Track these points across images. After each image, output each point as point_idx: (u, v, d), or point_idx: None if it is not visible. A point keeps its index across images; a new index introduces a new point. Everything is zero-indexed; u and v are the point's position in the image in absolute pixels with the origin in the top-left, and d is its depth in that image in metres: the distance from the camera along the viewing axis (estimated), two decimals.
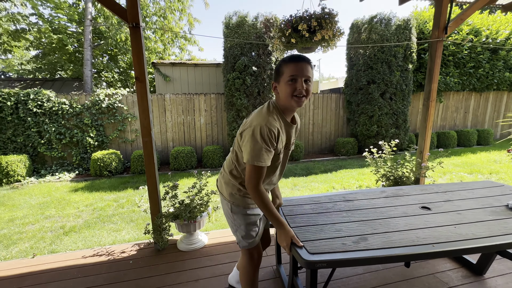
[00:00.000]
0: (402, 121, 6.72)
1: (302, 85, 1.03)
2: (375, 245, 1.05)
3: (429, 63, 2.70)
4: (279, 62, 1.10)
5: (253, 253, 1.29)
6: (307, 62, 1.05)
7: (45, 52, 8.53)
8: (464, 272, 1.84)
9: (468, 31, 7.21)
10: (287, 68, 1.04)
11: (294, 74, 1.02)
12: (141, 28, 1.88)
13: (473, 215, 1.33)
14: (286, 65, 1.05)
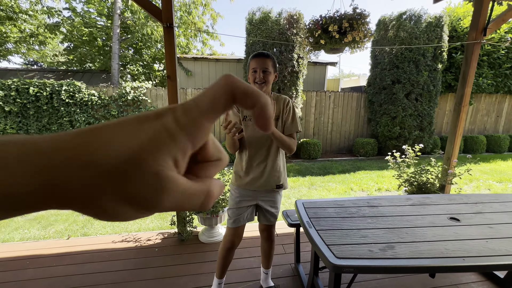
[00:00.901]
0: (427, 123, 6.44)
1: (260, 75, 1.32)
2: (402, 254, 1.06)
3: (464, 66, 2.57)
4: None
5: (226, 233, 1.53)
6: (265, 56, 1.33)
7: (76, 45, 9.00)
8: (489, 285, 1.79)
9: (507, 29, 6.71)
10: (251, 62, 1.35)
11: (255, 67, 1.33)
12: (174, 28, 1.95)
13: (507, 230, 1.29)
14: (251, 61, 1.35)
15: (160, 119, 0.15)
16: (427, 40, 5.94)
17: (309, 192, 4.07)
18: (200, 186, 0.17)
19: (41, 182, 0.13)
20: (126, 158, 0.14)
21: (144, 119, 0.15)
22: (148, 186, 0.14)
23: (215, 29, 11.02)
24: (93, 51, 8.95)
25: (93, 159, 0.14)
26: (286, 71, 5.65)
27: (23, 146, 0.13)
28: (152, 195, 0.14)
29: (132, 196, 0.14)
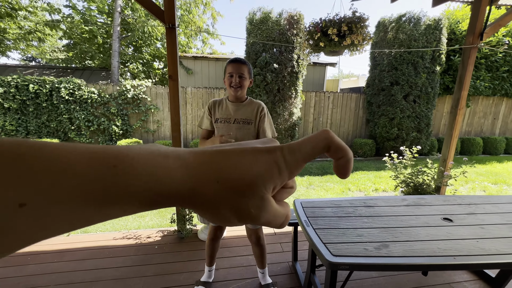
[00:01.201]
0: (425, 125, 6.51)
1: (236, 80, 1.42)
2: (396, 252, 1.10)
3: (460, 69, 2.62)
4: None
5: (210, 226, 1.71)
6: (241, 62, 1.42)
7: (75, 42, 8.97)
8: (481, 284, 1.84)
9: (505, 32, 6.78)
10: (228, 67, 1.43)
11: (231, 72, 1.42)
12: (176, 29, 1.97)
13: (497, 230, 1.33)
14: (228, 65, 1.44)
15: (272, 154, 0.20)
16: (426, 43, 5.99)
17: (307, 191, 4.11)
18: (283, 210, 0.22)
19: (188, 187, 0.18)
20: (247, 182, 0.19)
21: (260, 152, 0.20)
22: (255, 205, 0.19)
23: (215, 29, 11.03)
24: (93, 48, 8.93)
25: (224, 176, 0.18)
26: (285, 71, 5.69)
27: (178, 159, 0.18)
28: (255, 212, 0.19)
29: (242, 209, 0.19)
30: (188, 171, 0.18)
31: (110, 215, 0.17)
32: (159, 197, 0.17)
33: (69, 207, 0.15)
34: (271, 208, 0.20)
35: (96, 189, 0.15)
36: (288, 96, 5.81)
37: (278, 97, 5.75)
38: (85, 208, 0.15)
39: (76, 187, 0.15)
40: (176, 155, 0.18)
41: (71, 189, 0.14)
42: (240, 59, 1.44)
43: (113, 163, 0.16)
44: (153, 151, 0.18)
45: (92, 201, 0.15)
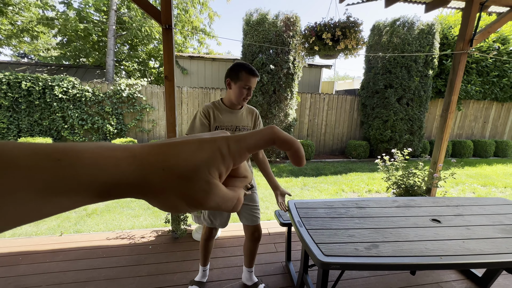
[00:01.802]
0: (418, 127, 6.63)
1: (251, 93, 1.40)
2: (385, 252, 1.14)
3: (451, 74, 2.69)
4: (239, 66, 1.35)
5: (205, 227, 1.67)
6: (258, 76, 1.41)
7: (70, 39, 8.85)
8: (468, 284, 1.89)
9: (495, 38, 6.95)
10: (246, 77, 1.34)
11: (249, 85, 1.35)
12: (173, 30, 1.98)
13: (482, 231, 1.38)
14: (247, 75, 1.34)
15: (216, 142, 0.21)
16: (419, 47, 6.11)
17: (302, 192, 4.15)
18: (233, 193, 0.23)
19: (136, 176, 0.19)
20: (190, 167, 0.20)
21: (205, 141, 0.21)
22: (201, 189, 0.20)
23: (212, 29, 11.02)
24: (87, 46, 8.82)
25: (169, 165, 0.20)
26: (281, 72, 5.73)
27: (125, 150, 0.19)
28: (202, 195, 0.20)
29: (189, 194, 0.20)
30: (135, 161, 0.19)
31: (61, 207, 0.18)
32: (107, 186, 0.18)
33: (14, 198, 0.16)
34: (219, 192, 0.21)
35: (39, 180, 0.16)
36: (283, 97, 5.85)
37: (273, 98, 5.79)
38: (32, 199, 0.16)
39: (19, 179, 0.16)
40: (124, 148, 0.20)
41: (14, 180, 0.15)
42: (256, 71, 1.39)
43: (57, 157, 0.17)
44: (102, 145, 0.19)
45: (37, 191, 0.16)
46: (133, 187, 0.19)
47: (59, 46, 9.22)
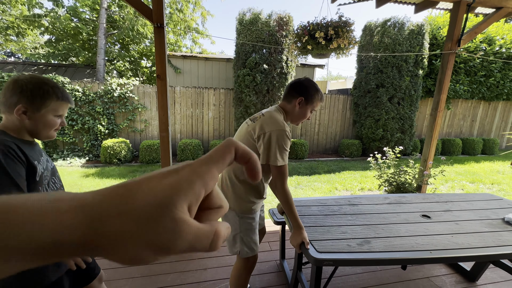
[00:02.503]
0: (408, 126, 6.75)
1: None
2: (377, 248, 1.16)
3: (440, 74, 2.75)
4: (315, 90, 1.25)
5: (250, 259, 1.32)
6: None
7: (58, 38, 8.64)
8: (457, 278, 1.94)
9: (482, 39, 7.14)
10: (319, 103, 1.28)
11: (315, 110, 1.30)
12: (165, 28, 1.96)
13: (470, 226, 1.42)
14: (320, 102, 1.28)
15: (180, 171, 0.18)
16: (410, 47, 6.22)
17: (296, 191, 4.17)
18: (209, 227, 0.19)
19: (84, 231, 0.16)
20: (151, 205, 0.17)
21: (167, 173, 0.18)
22: (167, 229, 0.17)
23: (206, 28, 10.95)
24: (77, 45, 8.64)
25: (126, 209, 0.16)
26: (275, 72, 5.74)
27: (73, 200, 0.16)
28: (170, 237, 0.17)
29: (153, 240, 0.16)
30: (83, 212, 0.16)
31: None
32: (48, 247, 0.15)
33: None
34: (190, 229, 0.17)
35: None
36: (277, 96, 5.87)
37: (267, 97, 5.80)
38: None
39: None
40: (71, 198, 0.16)
41: None
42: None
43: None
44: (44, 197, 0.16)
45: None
46: (82, 243, 0.16)
47: (47, 45, 8.99)
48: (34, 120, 0.87)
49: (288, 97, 1.26)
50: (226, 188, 1.27)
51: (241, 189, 1.23)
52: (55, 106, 0.89)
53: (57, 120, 0.92)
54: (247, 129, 1.23)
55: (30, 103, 0.85)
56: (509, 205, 1.78)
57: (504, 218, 1.52)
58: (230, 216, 1.27)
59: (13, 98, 0.83)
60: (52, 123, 0.91)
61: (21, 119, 0.86)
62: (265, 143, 1.13)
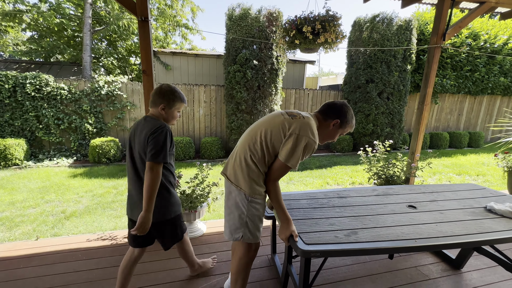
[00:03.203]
0: (398, 121, 6.87)
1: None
2: (364, 238, 1.17)
3: (426, 68, 2.80)
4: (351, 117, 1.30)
5: (252, 246, 1.34)
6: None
7: (42, 34, 8.34)
8: (443, 266, 2.00)
9: (468, 34, 7.30)
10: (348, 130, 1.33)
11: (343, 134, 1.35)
12: (149, 22, 1.92)
13: (454, 214, 1.46)
14: (350, 129, 1.34)
15: None
16: (398, 42, 6.31)
17: (288, 186, 4.20)
18: None
19: None
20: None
21: None
22: None
23: (196, 23, 10.79)
24: (61, 42, 8.36)
25: None
26: (265, 68, 5.72)
27: None
28: None
29: None
30: None
31: None
32: None
33: None
34: None
35: None
36: (268, 93, 5.86)
37: (258, 94, 5.78)
38: None
39: None
40: None
41: None
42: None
43: None
44: None
45: None
46: None
47: (30, 42, 8.67)
48: (167, 113, 1.44)
49: (325, 114, 1.29)
50: (239, 169, 1.25)
51: (255, 172, 1.22)
52: (178, 106, 1.47)
53: (178, 114, 1.51)
54: (282, 121, 1.21)
55: (167, 103, 1.42)
56: (491, 194, 1.83)
57: (486, 206, 1.57)
58: (239, 199, 1.25)
59: (158, 99, 1.41)
60: (175, 116, 1.49)
61: (161, 112, 1.43)
62: (293, 143, 1.15)
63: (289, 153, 1.15)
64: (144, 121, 1.39)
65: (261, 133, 1.21)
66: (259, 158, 1.21)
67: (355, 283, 1.78)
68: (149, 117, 1.40)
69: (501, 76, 8.00)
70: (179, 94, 1.45)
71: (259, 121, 1.30)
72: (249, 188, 1.22)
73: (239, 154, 1.26)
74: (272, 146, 1.20)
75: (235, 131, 5.90)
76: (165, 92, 1.41)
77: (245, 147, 1.24)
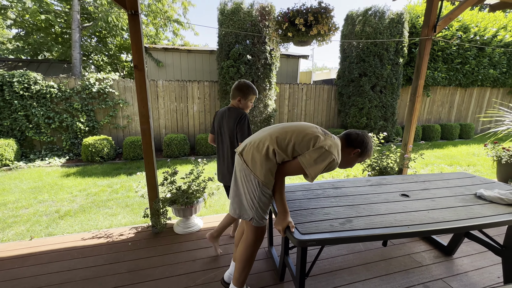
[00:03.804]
0: (391, 114, 6.95)
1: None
2: (358, 226, 1.19)
3: (418, 60, 2.83)
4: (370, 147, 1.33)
5: (259, 231, 1.39)
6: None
7: (28, 31, 8.10)
8: (436, 253, 2.05)
9: (458, 27, 7.39)
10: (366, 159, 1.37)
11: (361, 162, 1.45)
12: (140, 16, 1.88)
13: (445, 202, 1.49)
14: (367, 158, 1.39)
15: None
16: (390, 36, 6.35)
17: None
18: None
19: None
20: None
21: None
22: None
23: (187, 19, 10.63)
24: (49, 39, 8.13)
25: None
26: (259, 63, 5.70)
27: None
28: None
29: None
30: None
31: None
32: None
33: None
34: None
35: None
36: (262, 88, 5.84)
37: None
38: None
39: None
40: None
41: None
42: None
43: None
44: None
45: None
46: None
47: (16, 39, 8.41)
48: (243, 104, 1.85)
49: (347, 141, 1.33)
50: (257, 155, 1.28)
51: (273, 163, 1.26)
52: (251, 97, 1.86)
53: (251, 104, 1.90)
54: (315, 132, 1.25)
55: (243, 95, 1.83)
56: (481, 182, 1.88)
57: (476, 193, 1.61)
58: (252, 183, 1.30)
59: (236, 93, 1.84)
60: (249, 106, 1.88)
61: (238, 103, 1.85)
62: (320, 155, 1.19)
63: (313, 163, 1.19)
64: (228, 111, 1.85)
65: (292, 134, 1.26)
66: (281, 153, 1.25)
67: (351, 271, 1.82)
68: (232, 108, 1.86)
69: (491, 68, 8.14)
70: (252, 88, 1.84)
71: (294, 124, 1.35)
72: (264, 176, 1.26)
73: (263, 141, 1.29)
74: (296, 151, 1.25)
75: None
76: (241, 87, 1.82)
77: (274, 139, 1.27)
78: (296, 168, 1.25)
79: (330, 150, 1.19)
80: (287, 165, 1.27)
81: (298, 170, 1.25)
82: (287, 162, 1.28)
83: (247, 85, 1.82)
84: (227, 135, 1.85)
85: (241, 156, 1.35)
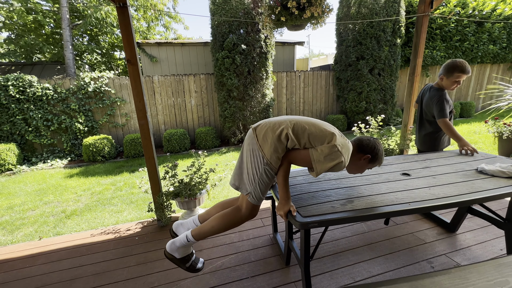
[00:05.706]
0: (390, 96, 6.88)
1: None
2: (359, 206, 1.20)
3: (415, 38, 2.77)
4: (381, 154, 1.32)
5: (252, 209, 1.39)
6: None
7: (19, 34, 7.97)
8: (439, 230, 2.08)
9: (456, 3, 7.20)
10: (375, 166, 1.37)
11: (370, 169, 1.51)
12: (128, 8, 1.84)
13: (446, 178, 1.50)
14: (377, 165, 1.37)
15: None
16: (386, 16, 6.20)
17: None
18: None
19: None
20: None
21: None
22: None
23: (177, 11, 10.41)
24: (40, 40, 8.01)
25: None
26: (254, 52, 5.61)
27: None
28: None
29: None
30: None
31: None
32: None
33: None
34: None
35: None
36: (259, 77, 5.78)
37: (249, 79, 5.70)
38: None
39: None
40: None
41: None
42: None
43: None
44: None
45: None
46: None
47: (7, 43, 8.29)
48: (445, 82, 2.05)
49: (358, 146, 1.34)
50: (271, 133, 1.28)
51: (283, 145, 1.27)
52: (457, 75, 1.97)
53: (456, 83, 2.01)
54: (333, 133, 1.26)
55: (446, 73, 2.02)
56: (482, 157, 1.88)
57: (477, 168, 1.61)
58: (260, 159, 1.31)
59: (443, 71, 2.04)
60: (452, 84, 2.03)
61: (439, 82, 2.11)
62: (331, 153, 1.19)
63: (323, 159, 1.19)
64: (428, 90, 2.18)
65: (311, 125, 1.27)
66: (294, 139, 1.25)
67: (355, 252, 1.85)
68: (432, 87, 2.15)
69: (490, 44, 7.99)
70: (458, 66, 1.95)
71: (317, 120, 1.35)
72: (270, 155, 1.27)
73: (279, 123, 1.30)
74: (309, 142, 1.25)
75: (229, 119, 5.86)
76: (446, 65, 2.02)
77: (291, 124, 1.28)
78: (304, 159, 1.25)
79: (341, 152, 1.19)
80: (296, 153, 1.27)
81: (306, 161, 1.25)
82: (297, 150, 1.28)
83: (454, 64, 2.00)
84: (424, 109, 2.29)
85: (254, 131, 1.36)
